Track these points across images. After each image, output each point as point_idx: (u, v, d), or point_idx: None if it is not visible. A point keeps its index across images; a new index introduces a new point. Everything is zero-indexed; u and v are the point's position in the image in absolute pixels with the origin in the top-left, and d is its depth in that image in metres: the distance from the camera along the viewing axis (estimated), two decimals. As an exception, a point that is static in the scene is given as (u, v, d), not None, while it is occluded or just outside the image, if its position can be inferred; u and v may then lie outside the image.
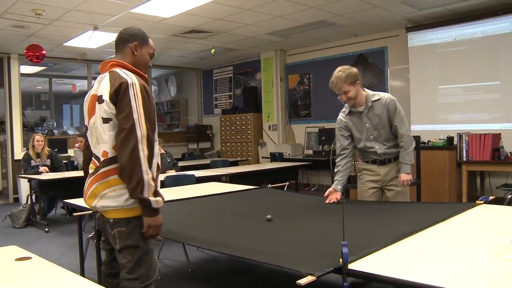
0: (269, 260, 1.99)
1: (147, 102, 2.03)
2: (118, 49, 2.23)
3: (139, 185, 1.93)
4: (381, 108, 3.30)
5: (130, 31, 2.22)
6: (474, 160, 5.59)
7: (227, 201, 3.75)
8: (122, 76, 2.04)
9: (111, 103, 2.01)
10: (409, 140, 3.31)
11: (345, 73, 3.26)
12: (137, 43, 2.20)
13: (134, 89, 2.00)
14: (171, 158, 6.34)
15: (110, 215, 2.09)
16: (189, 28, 7.29)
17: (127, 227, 2.05)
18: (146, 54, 2.24)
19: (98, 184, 2.07)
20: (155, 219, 2.03)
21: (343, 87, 3.26)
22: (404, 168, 3.30)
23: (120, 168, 1.99)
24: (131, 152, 1.94)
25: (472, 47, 6.56)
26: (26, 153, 6.76)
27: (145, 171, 1.95)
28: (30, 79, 11.87)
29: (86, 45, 7.90)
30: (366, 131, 3.37)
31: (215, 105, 11.64)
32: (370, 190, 3.46)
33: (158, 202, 2.01)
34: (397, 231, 2.22)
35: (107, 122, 2.04)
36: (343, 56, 8.57)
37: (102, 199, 2.07)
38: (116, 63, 2.15)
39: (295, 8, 6.30)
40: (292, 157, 8.74)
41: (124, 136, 1.96)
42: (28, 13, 5.93)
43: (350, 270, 1.66)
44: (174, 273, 4.12)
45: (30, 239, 5.51)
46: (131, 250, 2.06)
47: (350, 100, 3.31)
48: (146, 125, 1.99)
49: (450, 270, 1.65)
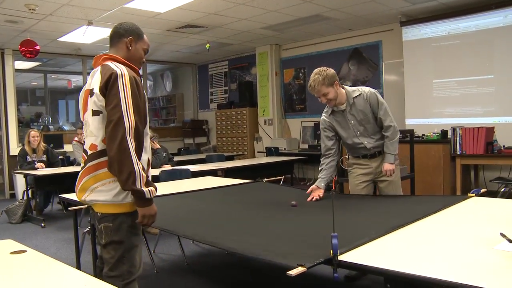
0: (260, 254, 2.02)
1: (136, 94, 2.02)
2: (112, 44, 2.22)
3: (131, 177, 1.93)
4: (363, 103, 3.32)
5: (126, 26, 2.22)
6: (468, 154, 5.63)
7: (222, 195, 3.78)
8: (113, 68, 2.03)
9: (101, 95, 2.01)
10: (394, 130, 3.33)
11: (322, 75, 3.24)
12: (132, 38, 2.19)
13: (123, 80, 1.99)
14: (166, 152, 6.35)
15: (98, 209, 2.09)
16: (183, 23, 7.29)
17: (113, 223, 2.05)
18: (141, 49, 2.24)
19: (88, 178, 2.07)
20: (149, 208, 2.03)
21: (322, 90, 3.25)
22: (388, 158, 3.33)
23: (109, 160, 1.98)
24: (120, 143, 1.92)
25: (466, 41, 6.58)
26: (22, 149, 6.76)
27: (135, 162, 1.95)
28: (25, 75, 11.83)
29: (80, 40, 7.89)
30: (352, 128, 3.38)
31: (211, 100, 11.65)
32: (362, 184, 3.48)
33: (151, 192, 2.01)
34: (388, 223, 2.25)
35: (96, 114, 2.03)
36: (338, 50, 8.58)
37: (92, 193, 2.07)
38: (108, 57, 2.15)
39: (290, 2, 6.30)
40: (288, 151, 8.77)
41: (112, 127, 1.94)
42: (21, 8, 5.91)
43: (340, 261, 1.69)
44: (170, 266, 4.14)
45: (27, 234, 5.52)
46: (115, 246, 2.06)
47: (331, 101, 3.31)
48: (134, 117, 1.97)
49: (440, 261, 1.67)
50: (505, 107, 6.23)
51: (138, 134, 2.00)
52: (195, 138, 11.37)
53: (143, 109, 2.08)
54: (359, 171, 3.50)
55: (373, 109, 3.32)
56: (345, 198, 3.49)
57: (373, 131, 3.38)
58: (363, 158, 3.47)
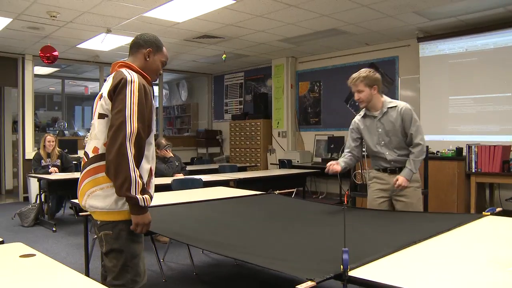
0: (269, 265, 2.00)
1: (142, 101, 2.01)
2: (131, 53, 2.24)
3: (126, 182, 1.91)
4: (396, 116, 3.32)
5: (146, 37, 2.24)
6: (483, 172, 5.55)
7: (233, 206, 3.75)
8: (124, 73, 2.04)
9: (108, 99, 2.02)
10: (422, 150, 3.30)
11: (365, 74, 3.33)
12: (151, 49, 2.21)
13: (132, 86, 1.99)
14: (179, 161, 6.36)
15: (98, 216, 2.08)
16: (201, 33, 7.34)
17: (113, 231, 2.03)
18: (158, 61, 2.25)
19: (87, 182, 2.06)
20: (143, 217, 2.01)
21: (358, 85, 3.32)
22: (406, 172, 3.28)
23: (107, 164, 1.96)
24: (119, 149, 1.91)
25: (483, 58, 6.53)
26: (37, 153, 6.83)
27: (132, 168, 1.93)
28: (43, 80, 12.00)
29: (98, 47, 8.00)
30: (377, 135, 3.39)
31: (225, 110, 11.68)
32: (379, 199, 3.44)
33: (146, 200, 1.99)
34: (400, 240, 2.21)
35: (102, 117, 2.04)
36: (354, 64, 8.55)
37: (90, 198, 2.05)
38: (124, 64, 2.17)
39: (307, 16, 6.32)
40: (301, 164, 8.73)
41: (113, 132, 1.94)
42: (43, 15, 6.02)
43: (350, 277, 1.66)
44: (178, 276, 4.13)
45: (38, 238, 5.56)
46: (117, 255, 2.04)
47: (361, 102, 3.37)
48: (137, 124, 1.96)
49: (453, 281, 1.63)
50: (522, 125, 6.15)
51: (139, 141, 1.98)
52: (208, 148, 11.39)
53: (148, 117, 2.07)
54: (377, 186, 3.47)
55: (404, 124, 3.31)
56: (357, 213, 3.45)
57: (397, 145, 3.36)
58: (382, 172, 3.44)
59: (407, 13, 6.19)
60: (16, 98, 9.08)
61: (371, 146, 3.45)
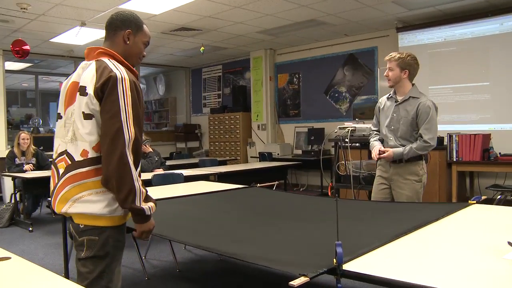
0: (260, 261, 1.93)
1: (136, 102, 1.82)
2: (108, 36, 1.99)
3: (131, 195, 1.76)
4: (413, 107, 3.32)
5: (123, 16, 1.97)
6: (464, 161, 5.57)
7: (216, 200, 3.68)
8: (111, 68, 1.80)
9: (95, 98, 1.78)
10: (425, 147, 3.30)
11: (402, 56, 3.36)
12: (130, 30, 1.96)
13: (123, 85, 1.78)
14: (158, 157, 6.24)
15: (82, 221, 1.84)
16: (178, 26, 7.20)
17: (100, 237, 1.83)
18: (140, 43, 2.01)
19: (72, 187, 1.81)
20: (148, 224, 1.88)
21: (391, 64, 3.36)
22: (397, 151, 3.33)
23: (106, 176, 1.76)
24: (119, 159, 1.73)
25: (462, 48, 6.56)
26: (11, 151, 6.63)
27: (135, 178, 1.78)
28: (15, 76, 11.68)
29: (73, 41, 7.78)
30: (390, 119, 3.43)
31: (204, 104, 11.56)
32: (380, 186, 3.51)
33: (151, 209, 1.86)
34: (390, 231, 2.17)
35: (89, 118, 1.80)
36: (333, 55, 8.53)
37: (75, 203, 1.81)
38: (105, 51, 1.91)
39: (286, 6, 6.24)
40: (281, 156, 8.68)
41: (110, 140, 1.74)
42: (13, 7, 5.79)
43: (344, 270, 1.60)
44: (161, 273, 4.03)
45: (13, 239, 5.38)
46: (96, 261, 1.84)
47: (388, 80, 3.41)
48: (134, 128, 1.79)
49: (447, 271, 1.60)
50: (500, 114, 6.21)
51: (137, 146, 1.82)
52: (187, 143, 11.27)
53: (142, 118, 1.90)
54: (379, 173, 3.55)
55: (419, 119, 3.30)
56: (344, 204, 3.40)
57: (403, 135, 3.38)
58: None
59: (386, 3, 6.17)
60: (-14, 95, 8.79)
61: (381, 128, 3.54)
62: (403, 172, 3.37)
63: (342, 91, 8.41)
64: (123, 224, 1.92)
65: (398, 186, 3.38)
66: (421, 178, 3.40)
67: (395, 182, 3.40)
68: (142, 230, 1.88)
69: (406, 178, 3.35)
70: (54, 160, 1.95)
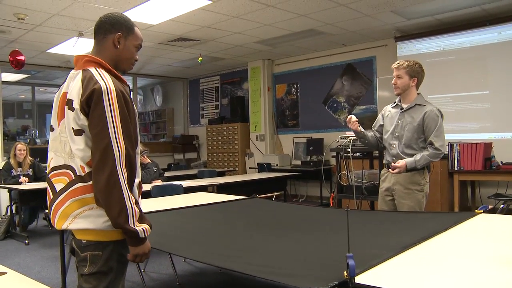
0: (267, 274, 1.85)
1: (125, 113, 1.71)
2: (97, 40, 1.87)
3: (122, 214, 1.65)
4: (419, 115, 3.29)
5: (112, 18, 1.86)
6: (466, 170, 5.53)
7: (217, 212, 3.60)
8: (96, 79, 1.70)
9: (82, 114, 1.69)
10: (438, 154, 3.27)
11: (410, 64, 3.35)
12: (121, 34, 1.85)
13: (109, 97, 1.67)
14: (157, 168, 6.17)
15: (84, 236, 1.75)
16: (176, 36, 7.18)
17: (103, 252, 1.75)
18: (132, 46, 1.89)
19: (71, 201, 1.73)
20: (143, 247, 1.76)
21: (399, 72, 3.34)
22: (409, 160, 3.27)
23: (96, 194, 1.68)
24: (109, 176, 1.63)
25: (460, 57, 6.55)
26: (7, 162, 6.55)
27: (127, 197, 1.66)
28: (12, 87, 11.62)
29: (70, 52, 7.73)
30: (394, 126, 3.40)
31: (202, 115, 11.51)
32: (386, 197, 3.47)
33: (146, 231, 1.74)
34: (399, 242, 2.10)
35: (79, 134, 1.71)
36: (331, 65, 8.51)
37: (76, 219, 1.73)
38: (91, 60, 1.80)
39: (285, 16, 6.23)
40: (280, 167, 8.62)
41: (99, 158, 1.65)
42: (10, 18, 5.75)
43: (356, 284, 1.54)
44: (161, 286, 3.95)
45: (9, 252, 5.28)
46: (100, 276, 1.75)
47: (396, 87, 3.38)
48: (124, 142, 1.68)
49: (461, 283, 1.54)
50: (500, 123, 6.18)
51: (130, 161, 1.71)
52: (185, 154, 11.20)
53: (134, 129, 1.78)
54: (383, 184, 3.50)
55: (426, 126, 3.26)
56: (351, 215, 3.33)
57: (407, 142, 3.33)
58: (386, 169, 3.47)
59: (384, 12, 6.16)
60: (-17, 106, 8.71)
61: (385, 135, 3.49)
62: (405, 182, 3.32)
63: (340, 101, 8.38)
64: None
65: (400, 196, 3.33)
66: (423, 187, 3.34)
67: (397, 192, 3.35)
68: (136, 253, 1.76)
69: (408, 187, 3.30)
70: (48, 174, 1.86)
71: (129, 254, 1.78)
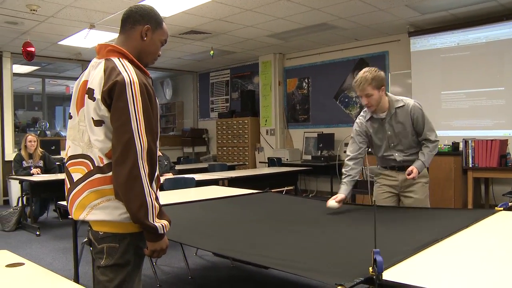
0: (288, 268, 1.82)
1: (148, 107, 1.67)
2: (123, 30, 1.83)
3: (142, 209, 1.62)
4: (405, 116, 3.10)
5: (143, 10, 1.82)
6: (481, 167, 5.45)
7: (231, 205, 3.57)
8: (119, 70, 1.66)
9: (103, 104, 1.65)
10: (436, 146, 3.17)
11: (372, 74, 3.01)
12: (149, 26, 1.81)
13: (132, 89, 1.63)
14: (168, 161, 6.16)
15: (101, 228, 1.72)
16: (188, 29, 7.14)
17: (120, 244, 1.72)
18: (158, 40, 1.86)
19: (89, 192, 1.70)
20: (161, 243, 1.75)
21: (367, 89, 3.01)
22: (419, 164, 3.13)
23: (116, 188, 1.65)
24: (130, 171, 1.60)
25: (476, 52, 6.46)
26: (18, 154, 6.55)
27: (148, 192, 1.63)
28: (22, 79, 11.63)
29: (81, 44, 7.72)
30: (387, 138, 3.17)
31: (212, 108, 11.48)
32: (385, 194, 3.30)
33: (165, 227, 1.72)
34: (421, 238, 2.06)
35: (99, 125, 1.68)
36: (343, 60, 8.44)
37: (93, 210, 1.70)
38: (115, 49, 1.75)
39: (298, 10, 6.16)
40: (290, 162, 8.58)
41: (120, 151, 1.61)
42: (22, 9, 5.73)
43: (383, 280, 1.50)
44: (173, 280, 3.93)
45: (21, 243, 5.29)
46: (117, 269, 1.73)
47: (371, 106, 3.08)
48: (147, 136, 1.65)
49: (487, 279, 1.51)
50: (516, 119, 6.09)
51: (151, 156, 1.68)
52: (194, 147, 11.18)
53: (156, 123, 1.74)
54: (384, 182, 3.32)
55: (415, 123, 3.10)
56: (371, 211, 3.28)
57: (408, 146, 3.19)
58: (390, 170, 3.29)
59: (399, 7, 6.08)
60: (-6, 98, 8.74)
61: (381, 150, 3.25)
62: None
63: (352, 96, 8.31)
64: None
65: (410, 191, 3.23)
66: (428, 180, 3.29)
67: (408, 187, 3.24)
68: (154, 249, 1.75)
69: (418, 181, 3.21)
70: (65, 163, 1.83)
71: (147, 249, 1.76)
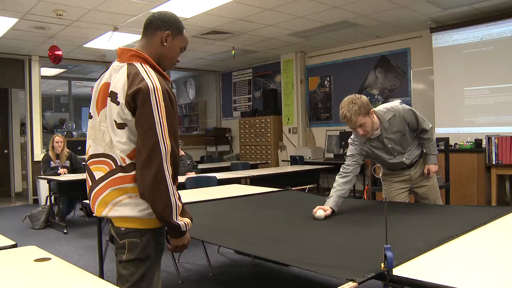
0: (303, 264, 1.86)
1: (170, 111, 1.75)
2: (145, 35, 1.90)
3: (167, 209, 1.72)
4: (399, 123, 3.04)
5: (164, 16, 1.90)
6: (505, 164, 5.38)
7: (251, 203, 3.63)
8: (142, 76, 1.73)
9: (127, 108, 1.73)
10: (432, 131, 3.19)
11: (357, 104, 2.87)
12: (170, 32, 1.88)
13: (156, 96, 1.71)
14: (191, 160, 6.25)
15: (123, 224, 1.81)
16: (209, 29, 7.22)
17: (141, 239, 1.80)
18: (177, 47, 1.93)
19: (111, 190, 1.79)
20: (183, 239, 1.85)
21: (359, 120, 2.88)
22: (431, 159, 3.19)
23: (141, 189, 1.73)
24: (156, 173, 1.69)
25: (500, 47, 6.35)
26: (46, 154, 6.74)
27: (172, 192, 1.73)
28: (50, 82, 11.92)
29: (105, 46, 7.89)
30: (390, 150, 3.13)
31: (234, 108, 11.56)
32: (397, 191, 3.31)
33: (187, 225, 1.81)
34: (437, 235, 2.08)
35: (122, 128, 1.76)
36: (364, 58, 8.41)
37: (115, 207, 1.79)
38: (137, 55, 1.83)
39: (318, 8, 6.17)
40: (313, 160, 8.59)
41: (147, 154, 1.70)
42: (49, 14, 5.91)
43: (394, 276, 1.53)
44: (195, 277, 4.01)
45: (49, 240, 5.46)
46: (138, 263, 1.82)
47: (367, 133, 2.97)
48: (170, 139, 1.74)
49: (500, 277, 1.51)
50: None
51: (174, 158, 1.77)
52: (217, 146, 11.27)
53: (177, 129, 1.82)
54: (396, 179, 3.32)
55: (411, 125, 3.10)
56: (388, 207, 3.30)
57: (411, 147, 3.21)
58: (400, 170, 3.29)
59: (420, 3, 6.03)
60: (23, 100, 8.99)
61: (387, 162, 3.20)
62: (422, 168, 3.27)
63: (374, 93, 8.27)
64: (163, 226, 1.88)
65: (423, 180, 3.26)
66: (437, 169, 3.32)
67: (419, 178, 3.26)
68: (177, 245, 1.86)
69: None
70: (86, 162, 1.93)
71: (170, 245, 1.87)
